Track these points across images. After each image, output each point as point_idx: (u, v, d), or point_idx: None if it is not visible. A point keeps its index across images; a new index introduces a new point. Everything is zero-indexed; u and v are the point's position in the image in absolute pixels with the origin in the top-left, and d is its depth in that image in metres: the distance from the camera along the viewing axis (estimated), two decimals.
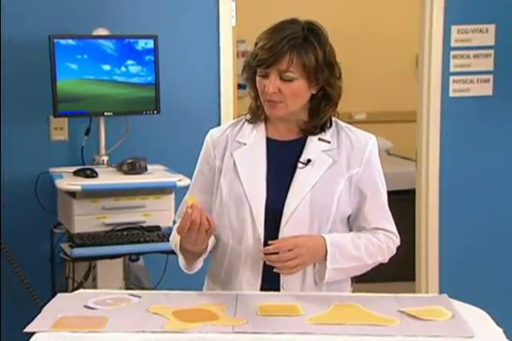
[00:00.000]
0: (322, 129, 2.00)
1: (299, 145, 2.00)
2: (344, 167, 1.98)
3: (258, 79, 1.94)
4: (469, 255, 3.78)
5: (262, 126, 2.03)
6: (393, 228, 2.04)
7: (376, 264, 2.03)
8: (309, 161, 1.97)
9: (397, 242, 2.04)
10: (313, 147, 1.99)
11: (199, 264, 1.99)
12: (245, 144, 2.02)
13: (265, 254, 1.89)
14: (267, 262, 1.89)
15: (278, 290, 1.96)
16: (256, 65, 1.91)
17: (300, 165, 1.97)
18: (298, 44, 1.88)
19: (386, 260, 2.03)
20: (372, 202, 2.00)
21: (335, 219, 1.96)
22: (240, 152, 2.01)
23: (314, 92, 1.95)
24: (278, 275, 1.95)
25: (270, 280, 1.96)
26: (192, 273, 2.01)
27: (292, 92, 1.90)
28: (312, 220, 1.94)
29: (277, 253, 1.88)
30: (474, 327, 1.68)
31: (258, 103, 2.01)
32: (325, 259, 1.92)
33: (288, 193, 1.95)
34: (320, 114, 1.98)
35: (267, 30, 1.93)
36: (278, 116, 1.95)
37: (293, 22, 1.93)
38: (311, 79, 1.91)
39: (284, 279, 1.95)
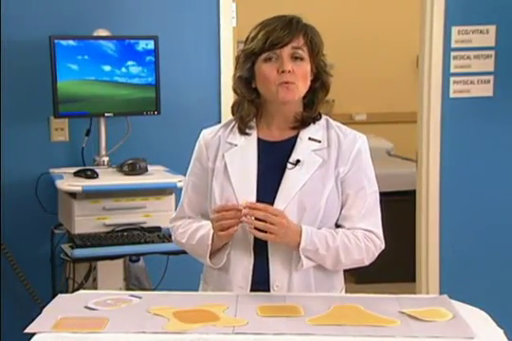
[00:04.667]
0: (313, 121, 2.01)
1: (289, 145, 2.00)
2: (333, 166, 1.97)
3: (264, 66, 1.93)
4: (470, 256, 3.78)
5: (253, 128, 2.03)
6: (377, 231, 1.99)
7: (355, 264, 1.99)
8: (298, 161, 1.96)
9: (380, 245, 1.99)
10: (303, 147, 1.98)
11: (224, 258, 1.97)
12: (236, 145, 2.02)
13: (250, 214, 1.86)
14: (245, 219, 1.86)
15: (267, 292, 1.95)
16: (269, 47, 1.90)
17: (289, 165, 1.97)
18: (308, 26, 1.94)
19: (365, 262, 1.99)
20: (353, 201, 1.98)
21: (323, 219, 1.95)
22: (231, 153, 2.01)
23: (309, 82, 1.97)
24: (267, 278, 1.95)
25: (260, 282, 1.95)
26: (218, 266, 1.99)
27: (303, 73, 1.93)
28: (300, 220, 1.93)
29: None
30: (475, 328, 1.68)
31: (251, 103, 2.00)
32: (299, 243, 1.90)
33: (277, 194, 1.94)
34: (315, 106, 2.00)
35: (263, 22, 1.95)
36: (291, 98, 1.94)
37: (282, 15, 1.97)
38: (312, 62, 1.95)
39: (274, 279, 1.94)
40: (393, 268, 4.16)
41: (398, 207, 4.27)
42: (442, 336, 1.63)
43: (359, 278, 4.20)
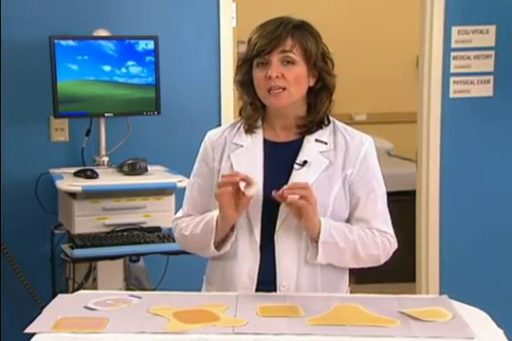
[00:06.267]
0: (320, 126, 2.00)
1: (296, 146, 2.00)
2: (340, 168, 1.97)
3: (256, 71, 1.94)
4: (469, 256, 3.78)
5: (259, 128, 2.03)
6: (390, 230, 2.01)
7: (372, 261, 1.99)
8: (305, 162, 1.96)
9: (394, 244, 2.00)
10: (309, 148, 1.98)
11: (228, 245, 1.96)
12: (242, 146, 2.02)
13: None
14: (276, 196, 1.85)
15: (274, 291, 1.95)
16: (257, 54, 1.91)
17: (296, 166, 1.97)
18: (297, 29, 1.93)
19: (381, 260, 2.00)
20: (365, 203, 1.98)
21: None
22: (237, 154, 2.01)
23: (311, 84, 1.97)
24: (274, 278, 1.95)
25: (266, 282, 1.95)
26: (223, 252, 1.97)
27: (295, 77, 1.91)
28: None
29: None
30: (475, 328, 1.68)
31: (253, 107, 2.00)
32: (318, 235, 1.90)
33: None
34: (317, 107, 1.98)
35: (260, 25, 1.95)
36: (281, 104, 1.94)
37: (284, 16, 1.97)
38: (310, 66, 1.93)
39: (281, 279, 1.94)
40: (393, 268, 4.14)
41: (398, 207, 4.26)
42: (442, 336, 1.63)
43: (359, 278, 4.19)
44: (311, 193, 1.86)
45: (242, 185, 1.87)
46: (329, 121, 2.02)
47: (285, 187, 1.86)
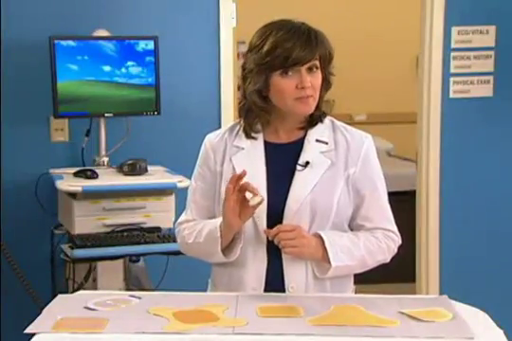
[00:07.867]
0: (320, 120, 2.00)
1: (297, 147, 2.00)
2: (342, 167, 1.98)
3: (282, 80, 1.90)
4: (470, 256, 3.78)
5: (259, 130, 2.02)
6: (393, 227, 2.03)
7: (378, 264, 2.02)
8: (307, 163, 1.97)
9: (398, 241, 2.03)
10: (311, 149, 1.98)
11: (238, 251, 1.95)
12: (243, 148, 2.01)
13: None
14: (270, 238, 1.89)
15: (282, 293, 1.95)
16: (293, 64, 1.87)
17: (298, 167, 1.97)
18: (322, 40, 1.92)
19: (387, 260, 2.03)
20: (369, 201, 2.00)
21: (335, 220, 1.96)
22: (238, 156, 2.00)
23: None
24: (282, 278, 1.95)
25: (274, 284, 1.95)
26: (232, 259, 1.97)
27: (318, 83, 1.93)
28: (312, 221, 1.94)
29: None
30: (474, 328, 1.68)
31: (263, 112, 1.97)
32: (325, 257, 1.91)
33: (288, 196, 1.94)
34: (318, 104, 1.98)
35: (274, 31, 1.89)
36: (310, 111, 1.95)
37: (287, 20, 1.94)
38: (323, 69, 1.94)
39: (289, 280, 1.95)
40: (393, 268, 4.14)
41: (398, 208, 4.25)
42: (442, 337, 1.63)
43: (359, 278, 4.20)
44: (300, 234, 1.88)
45: (248, 195, 1.87)
46: (325, 115, 2.02)
47: (275, 229, 1.88)
